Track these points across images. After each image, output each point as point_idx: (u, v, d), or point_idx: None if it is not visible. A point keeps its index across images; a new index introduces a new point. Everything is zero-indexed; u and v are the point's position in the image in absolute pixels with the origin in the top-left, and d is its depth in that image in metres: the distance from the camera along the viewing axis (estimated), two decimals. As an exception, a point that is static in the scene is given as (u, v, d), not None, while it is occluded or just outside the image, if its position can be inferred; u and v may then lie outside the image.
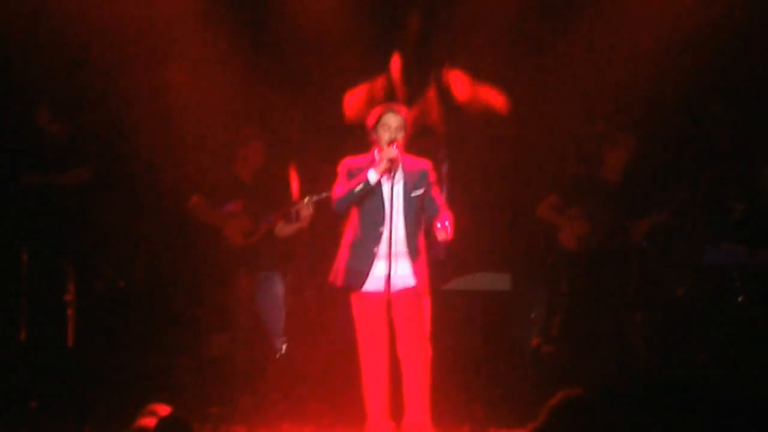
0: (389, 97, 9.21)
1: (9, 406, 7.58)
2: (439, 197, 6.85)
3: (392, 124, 6.60)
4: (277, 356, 8.62)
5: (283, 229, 8.42)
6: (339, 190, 6.66)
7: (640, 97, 9.13)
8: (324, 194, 7.71)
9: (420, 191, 6.70)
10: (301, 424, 7.32)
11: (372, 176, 6.53)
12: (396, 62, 9.04)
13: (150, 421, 5.92)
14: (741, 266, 8.64)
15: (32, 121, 8.76)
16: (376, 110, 6.70)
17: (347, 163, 6.75)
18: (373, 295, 6.62)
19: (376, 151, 6.67)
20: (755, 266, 8.61)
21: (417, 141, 8.77)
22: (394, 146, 6.52)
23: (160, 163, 9.55)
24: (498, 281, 9.52)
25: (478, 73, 9.36)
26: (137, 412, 6.41)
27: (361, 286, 6.65)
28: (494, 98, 9.43)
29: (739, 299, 8.57)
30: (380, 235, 6.60)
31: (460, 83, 9.45)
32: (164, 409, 6.04)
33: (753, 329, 8.39)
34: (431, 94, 9.41)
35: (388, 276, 6.39)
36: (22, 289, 8.61)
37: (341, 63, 9.43)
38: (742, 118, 9.22)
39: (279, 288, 8.64)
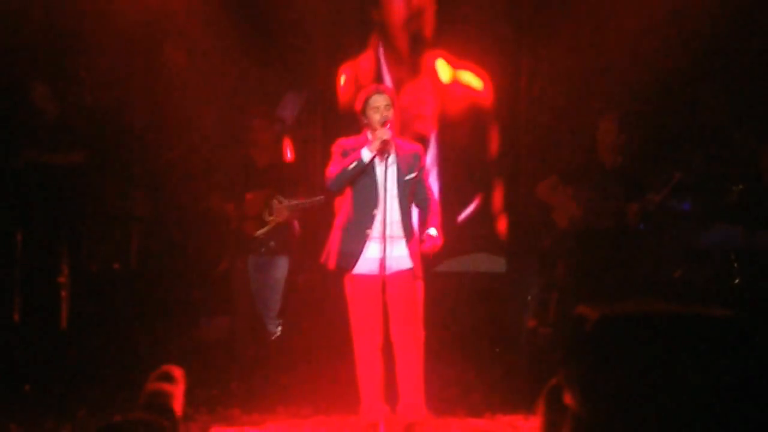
0: (377, 77, 9.27)
1: (3, 388, 7.61)
2: (428, 185, 6.91)
3: (380, 104, 6.62)
4: (273, 339, 8.62)
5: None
6: (333, 169, 6.67)
7: (636, 78, 9.13)
8: (300, 202, 7.81)
9: (413, 174, 6.72)
10: (295, 407, 7.35)
11: (365, 154, 6.54)
12: (380, 42, 9.07)
13: (163, 386, 5.95)
14: (738, 248, 8.63)
15: (26, 100, 8.73)
16: (363, 93, 6.72)
17: (341, 143, 6.76)
18: (366, 277, 6.63)
19: (369, 133, 6.67)
20: (753, 248, 8.60)
21: (409, 123, 8.82)
22: (388, 126, 6.53)
23: (155, 144, 9.55)
24: (493, 263, 9.52)
25: (466, 55, 9.39)
26: (131, 394, 6.45)
27: (353, 268, 6.67)
28: (477, 80, 9.45)
29: (736, 281, 8.56)
30: (373, 217, 6.61)
31: (443, 64, 9.47)
32: (178, 371, 6.08)
33: (750, 311, 8.36)
34: (419, 75, 9.43)
35: (383, 258, 6.40)
36: (15, 270, 8.62)
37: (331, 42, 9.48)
38: (738, 97, 9.20)
39: (280, 272, 8.63)
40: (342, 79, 9.43)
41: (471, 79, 9.54)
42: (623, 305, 5.10)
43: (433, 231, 6.67)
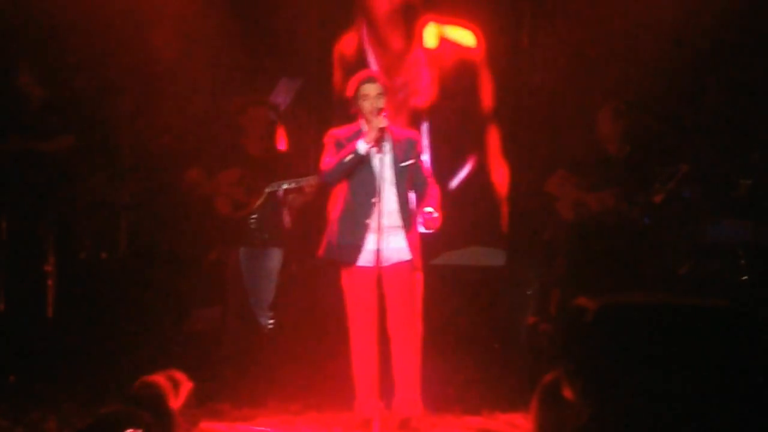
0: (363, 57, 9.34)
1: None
2: (426, 170, 6.93)
3: (371, 93, 6.67)
4: (264, 332, 8.68)
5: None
6: (328, 162, 6.71)
7: (643, 68, 9.16)
8: (287, 185, 7.87)
9: (409, 161, 6.77)
10: (287, 401, 7.39)
11: (361, 147, 6.59)
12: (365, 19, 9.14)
13: (160, 380, 6.06)
14: (746, 243, 8.66)
15: (12, 84, 8.78)
16: (354, 80, 6.77)
17: (334, 134, 6.80)
18: (365, 270, 6.70)
19: (362, 122, 6.72)
20: (761, 243, 8.63)
21: (404, 109, 8.88)
22: (383, 114, 6.57)
23: (144, 130, 9.59)
24: (492, 256, 9.55)
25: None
26: (118, 386, 6.52)
27: (354, 261, 6.72)
28: (467, 37, 9.49)
29: (744, 277, 8.59)
30: (372, 206, 6.65)
31: (432, 27, 9.51)
32: (182, 377, 6.20)
33: (758, 308, 8.38)
34: (414, 57, 9.49)
35: (379, 250, 6.45)
36: (1, 258, 8.67)
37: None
38: (748, 88, 9.22)
39: (273, 264, 8.67)
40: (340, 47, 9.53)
41: (454, 35, 9.62)
42: (622, 296, 5.18)
43: (431, 210, 6.67)
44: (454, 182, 9.75)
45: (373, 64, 9.43)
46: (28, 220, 8.69)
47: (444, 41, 9.62)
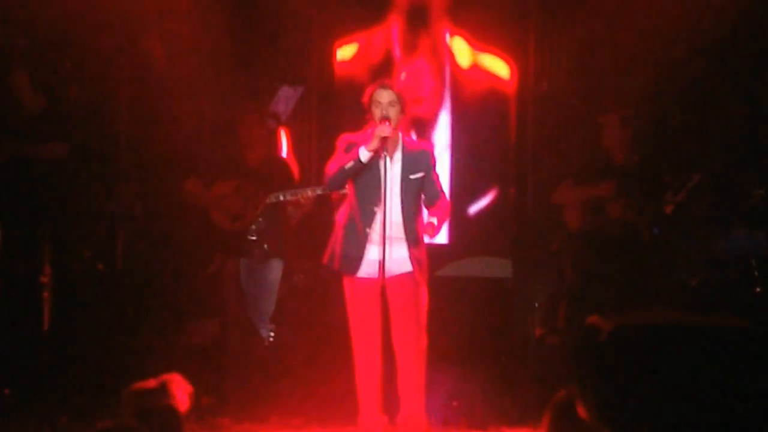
0: (384, 63, 9.34)
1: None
2: (440, 185, 6.87)
3: (383, 100, 6.59)
4: (265, 345, 8.65)
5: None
6: (332, 166, 6.68)
7: (654, 76, 9.15)
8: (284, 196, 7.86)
9: (419, 174, 6.71)
10: (289, 416, 7.38)
11: (363, 154, 6.53)
12: (392, 23, 9.14)
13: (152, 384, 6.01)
14: (760, 254, 8.63)
15: (8, 88, 8.76)
16: (370, 88, 6.71)
17: (345, 138, 6.76)
18: (366, 281, 6.67)
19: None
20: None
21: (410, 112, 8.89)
22: (387, 123, 6.50)
23: (143, 138, 9.58)
24: (498, 267, 9.54)
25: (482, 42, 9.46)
26: (115, 400, 6.48)
27: (354, 271, 6.70)
28: (498, 66, 9.49)
29: (758, 290, 8.56)
30: (374, 215, 6.64)
31: (462, 48, 9.52)
32: (177, 378, 6.13)
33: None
34: (428, 62, 9.49)
35: (382, 261, 6.42)
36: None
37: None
38: (761, 97, 9.21)
39: (274, 275, 8.66)
40: (346, 52, 9.50)
41: (485, 62, 9.62)
42: (637, 315, 5.14)
43: (434, 220, 6.66)
44: (474, 207, 9.76)
45: (399, 65, 9.47)
46: (24, 230, 8.66)
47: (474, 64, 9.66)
